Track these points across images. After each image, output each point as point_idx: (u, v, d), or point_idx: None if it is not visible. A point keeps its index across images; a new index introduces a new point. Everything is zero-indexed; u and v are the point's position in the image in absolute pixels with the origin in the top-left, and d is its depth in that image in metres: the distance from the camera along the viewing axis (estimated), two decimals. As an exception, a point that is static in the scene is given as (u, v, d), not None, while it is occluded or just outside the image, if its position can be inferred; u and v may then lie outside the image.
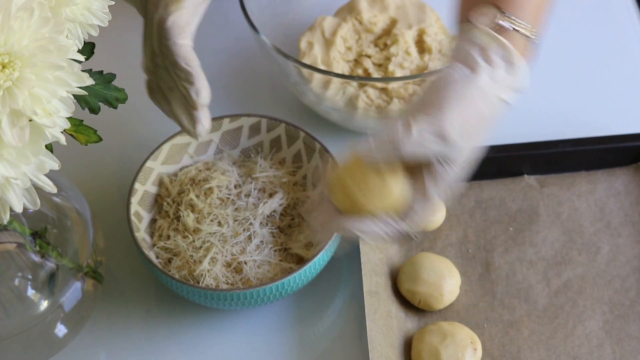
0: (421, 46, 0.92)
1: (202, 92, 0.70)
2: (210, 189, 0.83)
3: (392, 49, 0.90)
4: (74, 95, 0.55)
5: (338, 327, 0.81)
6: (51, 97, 0.53)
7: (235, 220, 0.82)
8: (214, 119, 0.86)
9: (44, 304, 0.75)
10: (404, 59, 0.90)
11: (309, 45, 0.92)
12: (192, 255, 0.79)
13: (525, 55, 0.66)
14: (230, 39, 1.03)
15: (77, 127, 0.59)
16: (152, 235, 0.83)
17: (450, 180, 0.64)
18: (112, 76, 0.64)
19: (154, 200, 0.84)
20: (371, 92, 0.86)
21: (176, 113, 0.73)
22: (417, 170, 0.64)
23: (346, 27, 0.92)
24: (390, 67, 0.89)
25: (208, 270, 0.78)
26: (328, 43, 0.91)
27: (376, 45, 0.92)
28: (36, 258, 0.74)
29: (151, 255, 0.79)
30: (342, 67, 0.91)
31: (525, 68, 0.66)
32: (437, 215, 0.84)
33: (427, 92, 0.64)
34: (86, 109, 0.63)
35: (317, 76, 0.85)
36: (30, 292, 0.75)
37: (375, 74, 0.90)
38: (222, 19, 1.05)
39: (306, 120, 0.94)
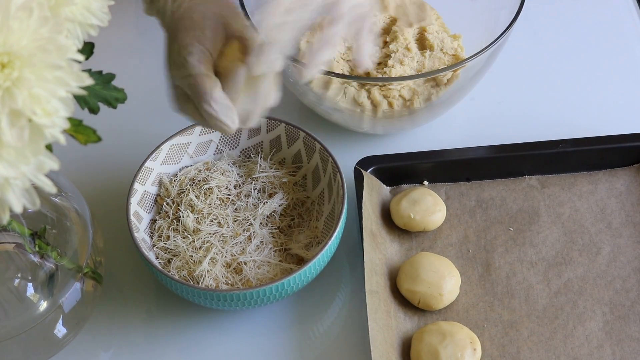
0: (422, 43, 0.92)
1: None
2: (210, 189, 0.83)
3: (392, 46, 0.90)
4: (73, 95, 0.54)
5: (338, 327, 0.81)
6: (50, 97, 0.53)
7: (235, 221, 0.82)
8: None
9: (44, 305, 0.75)
10: (404, 55, 0.90)
11: (309, 45, 0.92)
12: (191, 256, 0.79)
13: None
14: (230, 39, 1.03)
15: (76, 127, 0.59)
16: (151, 235, 0.83)
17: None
18: (112, 76, 0.64)
19: (153, 201, 0.84)
20: (371, 91, 0.86)
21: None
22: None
23: (346, 27, 0.92)
24: (390, 62, 0.89)
25: (208, 271, 0.78)
26: (328, 43, 0.91)
27: (376, 44, 0.92)
28: (35, 258, 0.74)
29: (151, 255, 0.79)
30: (342, 67, 0.90)
31: None
32: (437, 215, 0.84)
33: None
34: (85, 109, 0.62)
35: (317, 76, 0.85)
36: (30, 292, 0.75)
37: (375, 73, 0.90)
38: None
39: (306, 120, 0.94)
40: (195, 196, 0.83)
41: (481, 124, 0.95)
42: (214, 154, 0.87)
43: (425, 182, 0.88)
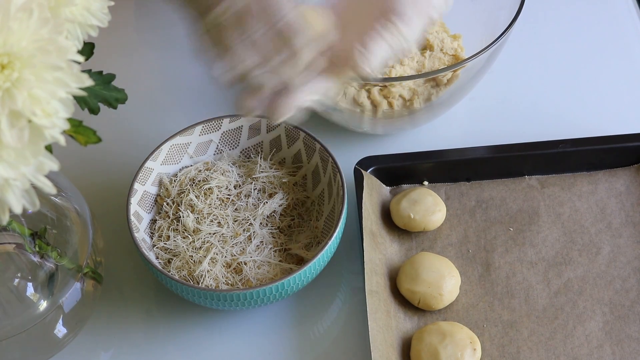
0: (422, 43, 0.92)
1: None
2: (210, 189, 0.83)
3: (392, 48, 0.90)
4: (73, 95, 0.54)
5: (338, 327, 0.81)
6: (50, 98, 0.53)
7: (235, 221, 0.82)
8: (213, 119, 0.86)
9: (44, 305, 0.75)
10: (404, 55, 0.90)
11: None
12: (191, 256, 0.79)
13: None
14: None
15: (76, 128, 0.59)
16: (151, 235, 0.83)
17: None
18: (112, 76, 0.64)
19: (153, 201, 0.84)
20: (371, 91, 0.86)
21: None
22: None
23: (346, 27, 0.92)
24: (390, 62, 0.89)
25: (208, 271, 0.78)
26: (328, 43, 0.91)
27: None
28: (35, 258, 0.74)
29: (151, 255, 0.79)
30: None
31: None
32: (437, 215, 0.84)
33: None
34: (86, 110, 0.62)
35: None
36: (30, 292, 0.75)
37: (375, 74, 0.90)
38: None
39: (306, 120, 0.94)
40: (195, 196, 0.83)
41: (481, 124, 0.95)
42: (214, 154, 0.87)
43: (425, 182, 0.88)
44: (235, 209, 0.83)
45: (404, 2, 0.68)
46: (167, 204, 0.84)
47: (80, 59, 0.54)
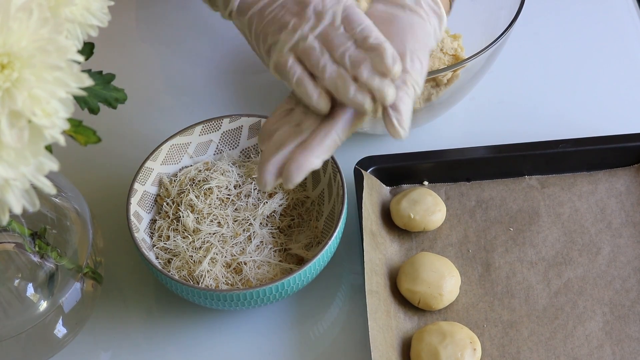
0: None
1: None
2: (210, 189, 0.83)
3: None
4: (73, 95, 0.54)
5: (338, 327, 0.81)
6: (50, 98, 0.53)
7: (235, 221, 0.82)
8: (213, 119, 0.86)
9: (44, 305, 0.75)
10: None
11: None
12: (191, 256, 0.79)
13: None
14: (230, 39, 1.03)
15: (76, 128, 0.59)
16: (151, 235, 0.83)
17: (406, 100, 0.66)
18: (112, 76, 0.64)
19: (153, 201, 0.84)
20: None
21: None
22: None
23: (346, 27, 0.92)
24: None
25: (208, 271, 0.78)
26: (328, 43, 0.91)
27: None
28: (35, 258, 0.74)
29: (151, 255, 0.79)
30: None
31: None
32: (437, 215, 0.84)
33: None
34: (85, 110, 0.62)
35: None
36: (30, 292, 0.75)
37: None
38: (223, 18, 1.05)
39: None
40: (195, 196, 0.83)
41: (481, 124, 0.95)
42: (214, 154, 0.87)
43: (425, 182, 0.88)
44: (235, 209, 0.83)
45: (411, 44, 0.67)
46: (167, 204, 0.84)
47: (80, 58, 0.54)
